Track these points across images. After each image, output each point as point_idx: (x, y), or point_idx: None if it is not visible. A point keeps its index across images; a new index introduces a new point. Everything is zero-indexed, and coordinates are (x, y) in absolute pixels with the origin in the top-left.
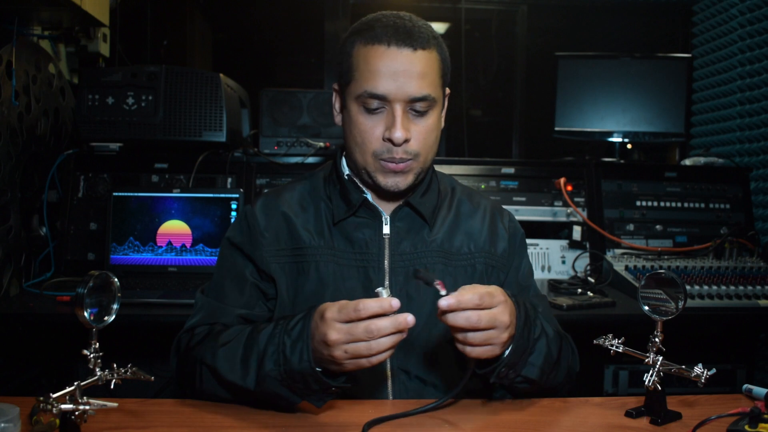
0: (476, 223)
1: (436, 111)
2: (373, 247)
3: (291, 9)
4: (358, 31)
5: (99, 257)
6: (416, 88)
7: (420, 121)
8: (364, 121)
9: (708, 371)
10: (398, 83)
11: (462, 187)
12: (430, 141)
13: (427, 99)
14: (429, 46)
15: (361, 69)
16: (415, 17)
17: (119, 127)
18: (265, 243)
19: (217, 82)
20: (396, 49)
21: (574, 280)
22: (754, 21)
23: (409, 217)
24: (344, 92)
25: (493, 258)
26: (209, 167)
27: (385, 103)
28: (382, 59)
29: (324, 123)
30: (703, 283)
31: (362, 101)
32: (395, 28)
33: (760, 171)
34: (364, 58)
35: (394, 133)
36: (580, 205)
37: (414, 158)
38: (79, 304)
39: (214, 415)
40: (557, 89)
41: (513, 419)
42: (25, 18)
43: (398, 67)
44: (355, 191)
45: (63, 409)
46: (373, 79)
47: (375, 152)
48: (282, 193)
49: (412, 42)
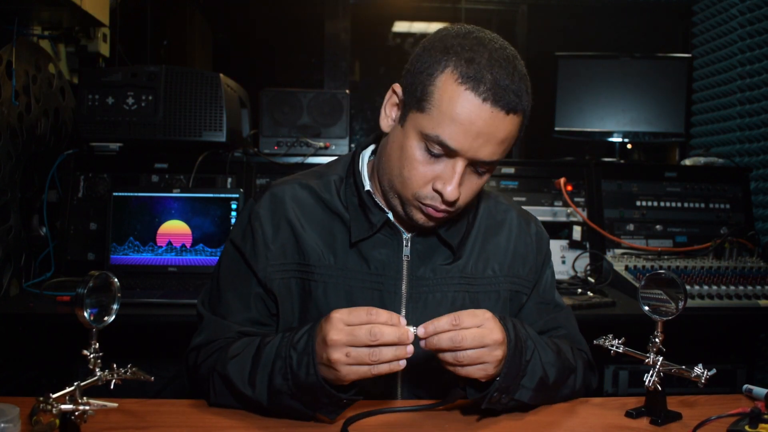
0: (502, 240)
1: (493, 167)
2: (390, 270)
3: (291, 9)
4: (456, 54)
5: (99, 257)
6: (489, 154)
7: (475, 179)
8: (421, 160)
9: (708, 371)
10: (475, 144)
11: (486, 197)
12: (475, 195)
13: (493, 164)
14: (521, 108)
15: (441, 106)
16: (518, 58)
17: (119, 127)
18: (270, 256)
19: (217, 82)
20: (489, 107)
21: (574, 280)
22: (754, 21)
23: (431, 240)
24: (408, 112)
25: (517, 281)
26: (209, 167)
27: (452, 154)
28: (469, 111)
29: (324, 123)
30: (703, 283)
31: (428, 141)
32: (496, 80)
33: (760, 171)
34: (450, 95)
35: (447, 190)
36: (580, 205)
37: (456, 210)
38: (79, 304)
39: (214, 416)
40: (557, 89)
41: (513, 419)
42: (25, 18)
43: (482, 127)
44: (376, 210)
45: (63, 410)
46: (450, 128)
47: (418, 195)
48: (287, 192)
49: (509, 104)
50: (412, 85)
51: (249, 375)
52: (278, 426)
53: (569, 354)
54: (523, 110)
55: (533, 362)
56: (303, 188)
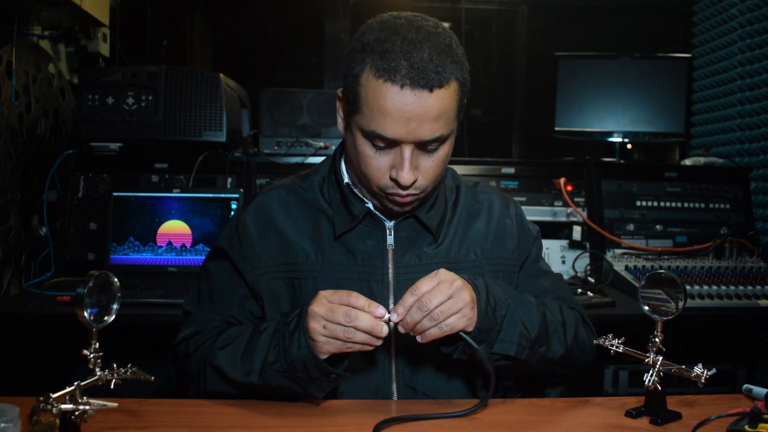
0: (482, 225)
1: (449, 141)
2: (376, 259)
3: (291, 9)
4: (371, 50)
5: (99, 257)
6: (429, 132)
7: (430, 158)
8: (371, 156)
9: (708, 371)
10: (409, 128)
11: (466, 185)
12: (438, 173)
13: (439, 140)
14: (447, 81)
15: (369, 104)
16: (434, 32)
17: (119, 127)
18: (257, 260)
19: (217, 82)
20: (410, 91)
21: (574, 280)
22: (754, 21)
23: (413, 227)
24: (350, 115)
25: (500, 261)
26: (209, 167)
27: (394, 143)
28: (393, 101)
29: (324, 123)
30: (703, 283)
31: (369, 138)
32: (411, 64)
33: (760, 171)
34: (373, 92)
35: (402, 176)
36: (580, 205)
37: (422, 192)
38: (79, 304)
39: (214, 415)
40: (557, 89)
41: (513, 419)
42: (25, 18)
43: (410, 112)
44: (357, 202)
45: (63, 409)
46: (383, 122)
47: (380, 186)
48: (273, 198)
49: (429, 82)
50: (346, 89)
51: (242, 356)
52: (278, 426)
53: (555, 309)
54: (452, 80)
55: (510, 316)
56: (288, 192)
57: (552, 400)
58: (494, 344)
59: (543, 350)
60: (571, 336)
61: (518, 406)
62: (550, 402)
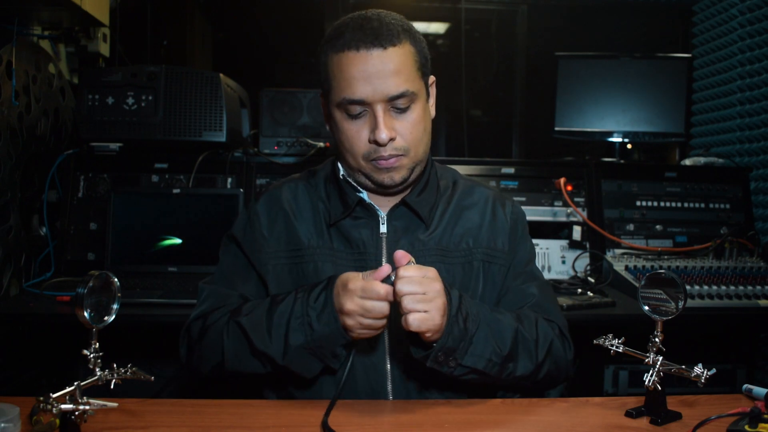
0: (476, 216)
1: (419, 103)
2: (370, 247)
3: (291, 9)
4: (329, 40)
5: (99, 257)
6: (393, 87)
7: (403, 117)
8: (349, 126)
9: (708, 371)
10: (374, 85)
11: (464, 180)
12: (417, 134)
13: (405, 95)
14: (399, 41)
15: (336, 77)
16: (384, 13)
17: (119, 127)
18: (266, 245)
19: (217, 82)
20: (366, 51)
21: (574, 280)
22: (754, 21)
23: (406, 216)
24: (327, 101)
25: (492, 253)
26: (209, 167)
27: (366, 107)
28: (354, 64)
29: (324, 123)
30: (703, 283)
31: (343, 108)
32: (362, 31)
33: (760, 171)
34: (337, 66)
35: (378, 135)
36: (580, 205)
37: (404, 153)
38: (79, 304)
39: (214, 415)
40: (557, 89)
41: (513, 419)
42: (25, 18)
43: (371, 69)
44: (350, 192)
45: (63, 409)
46: (349, 86)
47: (364, 155)
48: (284, 188)
49: (381, 41)
50: (321, 85)
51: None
52: (278, 425)
53: (530, 324)
54: (405, 41)
55: (481, 331)
56: (297, 184)
57: (552, 400)
58: (464, 357)
59: (512, 366)
60: (543, 353)
61: (518, 405)
62: (550, 402)
